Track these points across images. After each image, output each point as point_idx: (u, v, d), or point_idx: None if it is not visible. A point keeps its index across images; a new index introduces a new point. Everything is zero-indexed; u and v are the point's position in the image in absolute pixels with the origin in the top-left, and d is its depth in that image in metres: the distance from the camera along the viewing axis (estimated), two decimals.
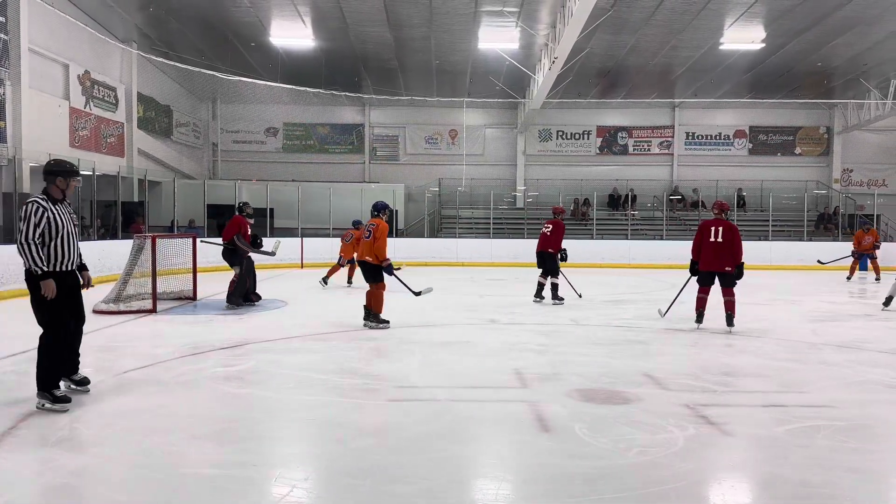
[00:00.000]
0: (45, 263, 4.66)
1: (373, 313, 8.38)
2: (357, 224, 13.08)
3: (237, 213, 10.40)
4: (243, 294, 10.14)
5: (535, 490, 3.40)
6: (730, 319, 8.26)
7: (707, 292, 8.45)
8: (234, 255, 10.06)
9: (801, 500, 3.30)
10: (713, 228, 8.31)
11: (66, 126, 16.44)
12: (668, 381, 5.61)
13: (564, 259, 11.00)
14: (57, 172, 4.95)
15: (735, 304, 8.31)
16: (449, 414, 4.68)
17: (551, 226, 10.92)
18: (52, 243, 4.72)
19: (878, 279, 16.39)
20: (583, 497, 3.29)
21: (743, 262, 8.34)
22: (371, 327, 8.28)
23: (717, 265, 8.27)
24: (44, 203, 4.78)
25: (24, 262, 4.64)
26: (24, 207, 4.73)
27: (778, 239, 21.86)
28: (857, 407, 4.95)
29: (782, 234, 22.61)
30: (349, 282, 13.59)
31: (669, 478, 3.53)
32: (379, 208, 8.53)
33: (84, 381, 5.12)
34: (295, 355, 6.66)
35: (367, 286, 8.45)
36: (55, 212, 4.80)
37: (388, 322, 8.37)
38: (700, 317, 8.45)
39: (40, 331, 4.73)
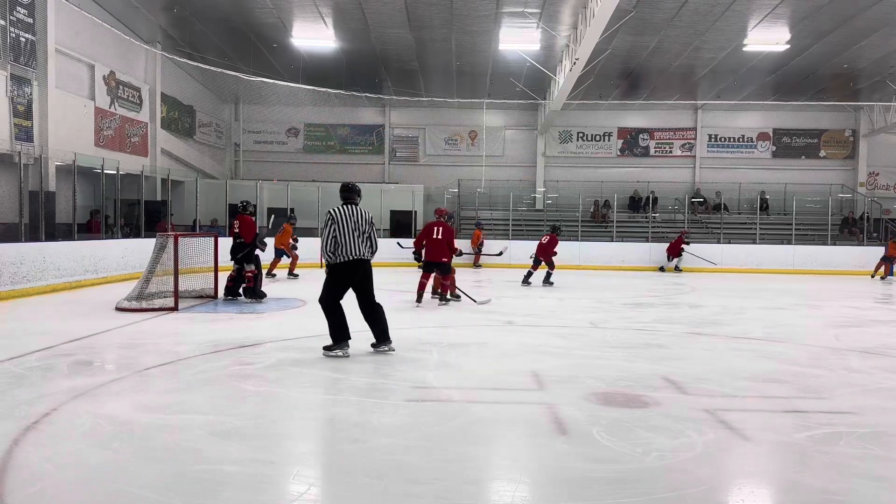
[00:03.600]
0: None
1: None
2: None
3: (244, 214, 10.68)
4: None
5: (551, 493, 3.39)
6: (442, 297, 10.71)
7: (428, 278, 10.64)
8: (251, 254, 10.51)
9: None
10: (435, 228, 10.50)
11: (92, 126, 16.68)
12: (688, 385, 5.57)
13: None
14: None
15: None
16: (465, 415, 4.68)
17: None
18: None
19: None
20: (600, 501, 3.28)
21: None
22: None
23: (437, 257, 10.40)
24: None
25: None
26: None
27: (801, 243, 21.57)
28: (880, 414, 4.88)
29: (806, 239, 22.31)
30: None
31: (688, 483, 3.50)
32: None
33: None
34: (313, 354, 6.69)
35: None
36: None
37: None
38: (420, 297, 10.51)
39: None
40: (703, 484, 3.50)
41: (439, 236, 10.44)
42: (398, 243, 16.65)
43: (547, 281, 14.35)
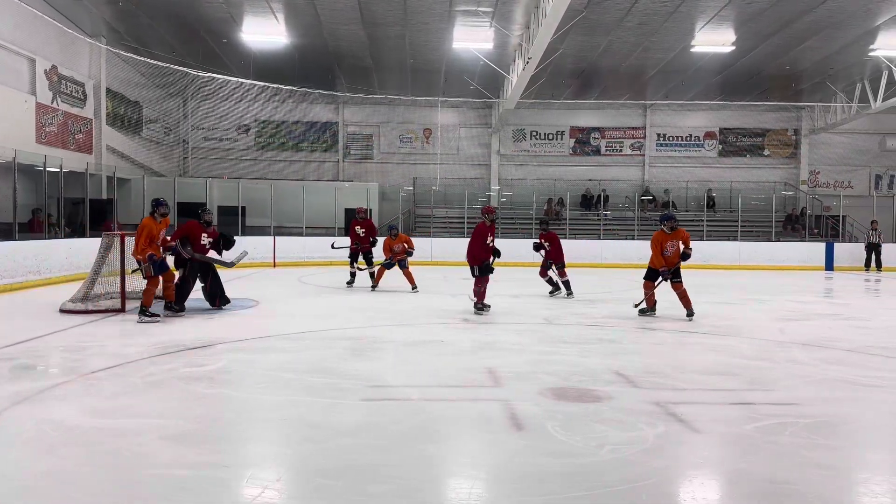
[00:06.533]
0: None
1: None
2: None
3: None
4: (184, 299, 9.40)
5: (507, 488, 3.42)
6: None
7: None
8: (178, 258, 9.55)
9: (769, 495, 3.36)
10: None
11: (33, 122, 16.10)
12: (639, 379, 5.67)
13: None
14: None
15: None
16: (422, 413, 4.68)
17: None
18: None
19: None
20: (555, 495, 3.32)
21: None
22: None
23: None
24: None
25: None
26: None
27: (747, 239, 22.20)
28: (823, 404, 5.06)
29: (751, 235, 22.97)
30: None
31: (640, 475, 3.56)
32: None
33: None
34: (266, 355, 6.60)
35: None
36: None
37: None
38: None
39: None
40: (655, 476, 3.57)
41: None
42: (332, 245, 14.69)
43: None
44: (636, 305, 9.60)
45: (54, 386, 5.27)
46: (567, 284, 12.02)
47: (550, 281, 12.24)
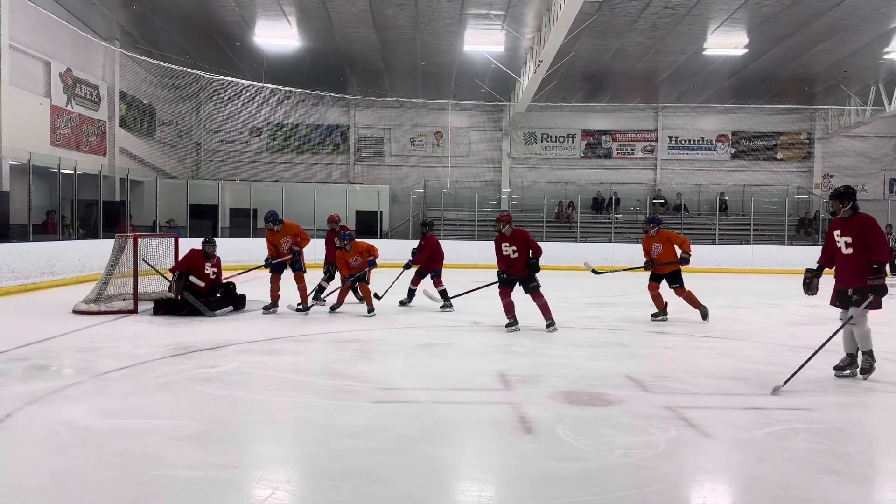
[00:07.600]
0: None
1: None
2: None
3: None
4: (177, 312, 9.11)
5: (517, 492, 3.41)
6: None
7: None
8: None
9: (781, 501, 3.33)
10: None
11: (47, 124, 16.26)
12: (650, 383, 5.64)
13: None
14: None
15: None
16: (432, 416, 4.67)
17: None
18: None
19: None
20: (565, 499, 3.30)
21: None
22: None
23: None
24: None
25: None
26: None
27: (759, 243, 22.04)
28: (836, 410, 5.01)
29: (763, 239, 22.80)
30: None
31: (651, 480, 3.54)
32: None
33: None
34: (277, 357, 6.62)
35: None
36: None
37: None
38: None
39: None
40: (665, 481, 3.55)
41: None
42: None
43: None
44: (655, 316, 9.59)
45: (66, 386, 5.31)
46: (444, 294, 10.34)
47: (444, 294, 10.37)
